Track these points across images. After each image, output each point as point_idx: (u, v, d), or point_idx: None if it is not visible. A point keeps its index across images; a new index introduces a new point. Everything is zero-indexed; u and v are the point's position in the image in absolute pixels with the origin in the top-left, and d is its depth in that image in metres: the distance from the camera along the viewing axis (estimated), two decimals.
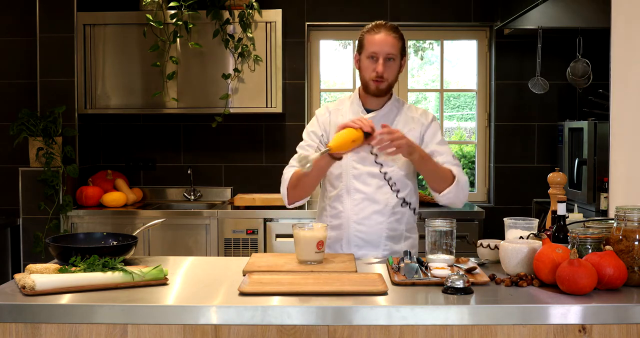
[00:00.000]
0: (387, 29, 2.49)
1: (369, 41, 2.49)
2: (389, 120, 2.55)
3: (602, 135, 3.99)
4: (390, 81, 2.52)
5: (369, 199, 2.52)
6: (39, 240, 4.18)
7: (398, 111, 2.60)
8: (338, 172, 2.56)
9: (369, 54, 2.49)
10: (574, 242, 2.00)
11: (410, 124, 2.58)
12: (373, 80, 2.49)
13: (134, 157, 4.83)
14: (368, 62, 2.50)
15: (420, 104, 6.34)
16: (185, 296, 1.92)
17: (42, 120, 4.23)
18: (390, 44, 2.47)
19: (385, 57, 2.47)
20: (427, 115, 2.63)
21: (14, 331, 1.77)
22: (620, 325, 1.75)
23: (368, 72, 2.50)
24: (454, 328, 1.75)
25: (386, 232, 2.54)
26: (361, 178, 2.54)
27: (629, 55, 2.52)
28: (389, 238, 2.55)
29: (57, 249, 2.19)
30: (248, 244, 4.17)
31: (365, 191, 2.53)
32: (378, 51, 2.47)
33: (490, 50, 4.85)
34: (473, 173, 5.14)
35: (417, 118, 2.60)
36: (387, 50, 2.47)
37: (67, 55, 4.37)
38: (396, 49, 2.49)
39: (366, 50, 2.50)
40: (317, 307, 1.75)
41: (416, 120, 2.59)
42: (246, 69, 4.42)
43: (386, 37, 2.47)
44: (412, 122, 2.59)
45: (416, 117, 2.60)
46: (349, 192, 2.54)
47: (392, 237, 2.55)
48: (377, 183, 2.53)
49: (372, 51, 2.48)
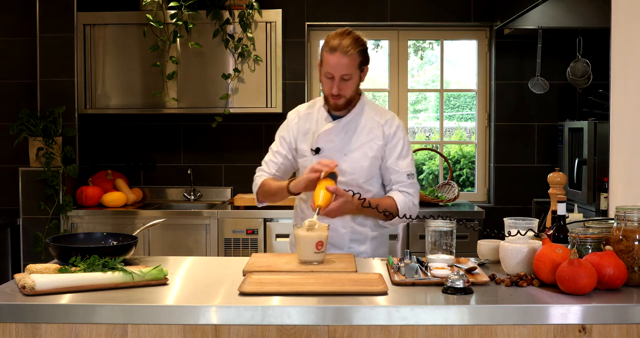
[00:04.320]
0: (343, 49, 2.44)
1: (326, 60, 2.48)
2: (352, 128, 2.58)
3: (602, 135, 3.99)
4: (349, 96, 2.54)
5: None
6: (39, 240, 4.18)
7: (362, 117, 2.59)
8: None
9: (325, 74, 2.49)
10: (574, 242, 2.00)
11: (373, 132, 2.58)
12: (331, 96, 2.52)
13: (134, 157, 4.83)
14: (325, 80, 2.51)
15: (420, 104, 6.34)
16: (185, 296, 1.92)
17: (42, 120, 4.23)
18: (344, 66, 2.45)
19: (340, 78, 2.47)
20: (392, 123, 2.61)
21: (14, 331, 1.76)
22: (620, 325, 1.75)
23: (326, 88, 2.52)
24: (454, 328, 1.75)
25: (349, 236, 2.59)
26: None
27: (629, 55, 2.52)
28: (352, 241, 2.60)
29: (57, 249, 2.19)
30: (248, 244, 4.17)
31: None
32: (334, 73, 2.47)
33: (490, 50, 4.85)
34: (473, 174, 5.14)
35: (381, 125, 2.59)
36: (342, 72, 2.46)
37: (67, 55, 4.37)
38: (352, 67, 2.47)
39: (323, 67, 2.50)
40: (317, 307, 1.75)
41: (380, 128, 2.59)
42: (246, 69, 4.42)
43: (340, 60, 2.44)
44: (376, 128, 2.58)
45: (381, 124, 2.59)
46: None
47: (356, 240, 2.61)
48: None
49: (327, 71, 2.48)
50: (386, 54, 4.96)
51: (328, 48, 2.46)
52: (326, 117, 2.60)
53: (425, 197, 4.34)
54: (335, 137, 2.56)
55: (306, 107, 2.68)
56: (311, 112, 2.64)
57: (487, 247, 2.29)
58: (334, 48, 2.45)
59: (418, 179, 2.73)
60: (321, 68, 2.52)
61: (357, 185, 2.55)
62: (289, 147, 2.65)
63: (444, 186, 4.57)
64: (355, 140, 2.57)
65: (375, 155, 2.57)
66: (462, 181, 5.61)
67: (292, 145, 2.64)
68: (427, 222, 2.24)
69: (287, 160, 2.66)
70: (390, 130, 2.59)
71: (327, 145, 2.57)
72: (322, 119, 2.60)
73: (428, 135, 6.13)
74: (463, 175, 5.66)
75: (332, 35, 2.49)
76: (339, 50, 2.44)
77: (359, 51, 2.47)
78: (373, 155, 2.56)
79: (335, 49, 2.44)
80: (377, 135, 2.58)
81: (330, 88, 2.48)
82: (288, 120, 2.69)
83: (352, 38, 2.47)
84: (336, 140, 2.57)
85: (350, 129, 2.58)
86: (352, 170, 2.55)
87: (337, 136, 2.56)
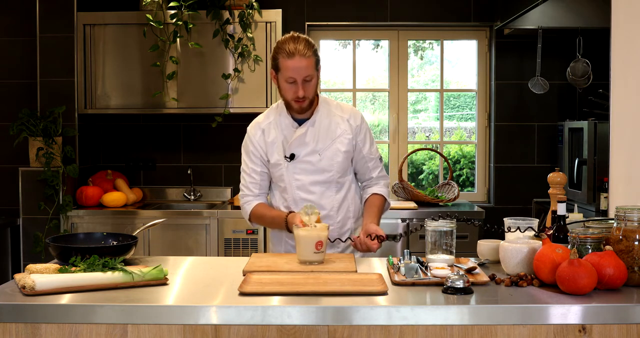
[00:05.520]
0: (301, 52, 2.47)
1: (285, 66, 2.48)
2: (321, 129, 2.61)
3: (602, 135, 3.99)
4: (311, 97, 2.56)
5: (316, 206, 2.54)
6: (39, 240, 4.18)
7: (326, 115, 2.63)
8: (283, 185, 2.64)
9: (288, 79, 2.50)
10: (574, 242, 2.00)
11: (340, 127, 2.63)
12: (295, 100, 2.53)
13: (134, 157, 4.83)
14: (287, 85, 2.51)
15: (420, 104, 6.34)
16: (185, 296, 1.92)
17: (42, 120, 4.23)
18: (305, 67, 2.47)
19: (302, 80, 2.49)
20: (355, 115, 2.68)
21: (14, 331, 1.77)
22: (620, 325, 1.75)
23: (289, 94, 2.52)
24: (454, 328, 1.75)
25: (337, 231, 2.65)
26: (304, 188, 2.62)
27: (629, 55, 2.52)
28: (340, 235, 2.66)
29: (57, 249, 2.19)
30: (248, 244, 4.17)
31: (311, 199, 2.60)
32: (296, 76, 2.48)
33: (490, 50, 4.85)
34: (473, 174, 5.14)
35: (346, 119, 2.65)
36: (304, 74, 2.48)
37: (67, 55, 4.37)
38: (312, 68, 2.50)
39: (283, 74, 2.50)
40: (317, 307, 1.75)
41: (345, 122, 2.64)
42: (246, 69, 4.42)
43: (300, 62, 2.46)
44: (342, 123, 2.64)
45: (345, 118, 2.65)
46: (295, 202, 2.63)
47: (342, 232, 2.67)
48: (319, 190, 2.61)
49: (289, 76, 2.48)
50: (386, 54, 4.96)
51: (285, 54, 2.47)
52: (291, 122, 2.61)
53: (425, 197, 4.34)
54: (307, 139, 2.60)
55: (264, 119, 2.68)
56: (272, 122, 2.65)
57: (487, 247, 2.29)
58: (291, 53, 2.46)
59: (418, 179, 2.76)
60: (278, 76, 2.53)
61: (335, 181, 2.62)
62: (262, 161, 2.67)
63: (444, 186, 4.57)
64: (325, 139, 2.61)
65: (347, 149, 2.63)
66: (462, 181, 5.60)
67: (265, 159, 2.66)
68: (427, 222, 2.24)
69: (264, 175, 2.69)
70: (357, 123, 2.66)
71: (300, 149, 2.60)
72: (288, 126, 2.62)
73: (428, 135, 6.13)
74: (463, 175, 5.65)
75: (283, 41, 2.51)
76: (297, 53, 2.46)
77: (313, 52, 2.51)
78: (345, 149, 2.62)
79: (293, 54, 2.46)
80: (345, 130, 2.63)
81: (295, 92, 2.50)
82: (250, 136, 2.68)
83: (305, 41, 2.50)
84: (308, 142, 2.60)
85: (319, 129, 2.61)
86: (329, 167, 2.61)
87: (308, 138, 2.60)
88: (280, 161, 2.62)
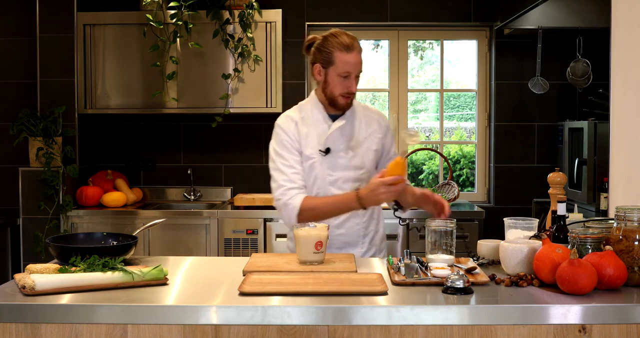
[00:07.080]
0: (357, 47, 2.50)
1: (342, 60, 2.48)
2: (355, 125, 2.61)
3: (602, 135, 3.99)
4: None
5: None
6: (39, 240, 4.18)
7: (357, 113, 2.64)
8: (314, 178, 2.57)
9: (343, 73, 2.49)
10: (574, 242, 2.00)
11: (372, 126, 2.64)
12: (343, 96, 2.52)
13: (134, 157, 4.83)
14: (339, 79, 2.50)
15: (420, 104, 6.34)
16: (185, 296, 1.92)
17: (42, 120, 4.23)
18: (360, 62, 2.51)
19: (355, 75, 2.51)
20: (382, 116, 2.72)
21: (14, 331, 1.76)
22: (620, 325, 1.75)
23: (339, 88, 2.51)
24: (454, 328, 1.75)
25: (363, 232, 2.63)
26: (337, 184, 2.58)
27: (629, 55, 2.52)
28: (366, 236, 2.64)
29: (57, 249, 2.19)
30: (248, 244, 4.17)
31: None
32: (352, 71, 2.49)
33: (490, 50, 4.85)
34: (473, 174, 5.14)
35: (376, 119, 2.67)
36: (359, 69, 2.51)
37: (67, 55, 4.37)
38: (362, 65, 2.54)
39: (338, 67, 2.49)
40: (317, 307, 1.75)
41: (376, 121, 2.66)
42: (246, 69, 4.42)
43: (357, 56, 2.49)
44: (373, 122, 2.65)
45: (375, 118, 2.67)
46: None
47: (368, 235, 2.65)
48: (350, 187, 2.57)
49: (346, 71, 2.48)
50: (386, 54, 4.95)
51: (343, 47, 2.47)
52: (325, 117, 2.60)
53: None
54: (342, 135, 2.58)
55: (296, 112, 2.64)
56: (304, 117, 2.61)
57: (487, 247, 2.29)
58: (349, 47, 2.47)
59: (418, 179, 2.76)
60: (329, 70, 2.50)
61: (366, 179, 2.57)
62: (299, 152, 2.58)
63: (444, 186, 4.57)
64: (358, 136, 2.60)
65: (377, 148, 2.63)
66: (462, 181, 5.60)
67: (300, 150, 2.58)
68: (427, 222, 2.24)
69: (302, 166, 2.57)
70: (385, 123, 2.70)
71: (335, 144, 2.57)
72: (321, 120, 2.59)
73: (428, 135, 6.13)
74: (463, 175, 5.65)
75: (338, 34, 2.51)
76: (355, 48, 2.49)
77: None
78: (375, 148, 2.63)
79: (350, 48, 2.47)
80: (376, 129, 2.64)
81: (347, 87, 2.50)
82: (283, 128, 2.59)
83: (356, 39, 2.54)
84: (345, 137, 2.58)
85: (354, 125, 2.61)
86: (362, 164, 2.59)
87: (346, 132, 2.59)
88: (313, 155, 2.55)
